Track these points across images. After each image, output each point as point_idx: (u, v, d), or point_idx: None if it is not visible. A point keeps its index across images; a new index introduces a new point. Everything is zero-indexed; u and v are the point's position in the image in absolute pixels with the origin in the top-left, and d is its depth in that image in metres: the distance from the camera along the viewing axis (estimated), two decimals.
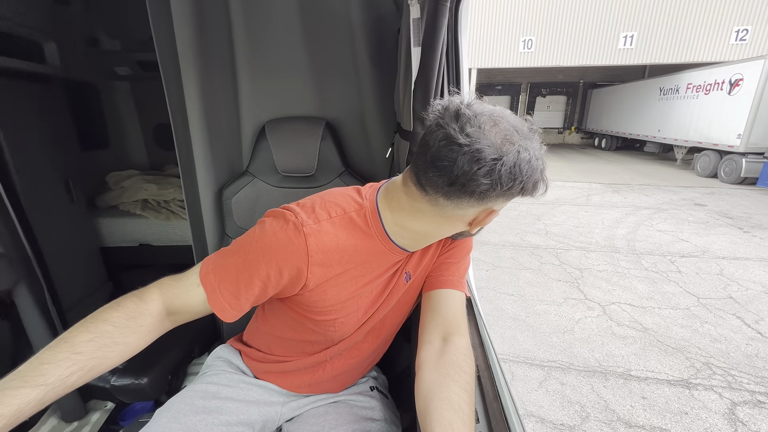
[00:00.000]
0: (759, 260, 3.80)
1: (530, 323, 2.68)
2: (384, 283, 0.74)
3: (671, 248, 4.16)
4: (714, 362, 2.25)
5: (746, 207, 6.00)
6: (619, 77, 15.21)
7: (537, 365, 2.23)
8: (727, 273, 3.50)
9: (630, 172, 9.53)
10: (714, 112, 8.70)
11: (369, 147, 1.19)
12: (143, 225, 2.04)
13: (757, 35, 9.91)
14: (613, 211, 5.78)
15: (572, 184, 8.02)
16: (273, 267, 0.61)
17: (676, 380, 2.10)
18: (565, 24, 10.90)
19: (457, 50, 0.95)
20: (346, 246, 0.65)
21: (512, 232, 4.71)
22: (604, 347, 2.40)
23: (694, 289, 3.19)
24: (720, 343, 2.44)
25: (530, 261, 3.81)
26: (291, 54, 1.09)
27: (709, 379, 2.11)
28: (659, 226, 4.97)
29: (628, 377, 2.13)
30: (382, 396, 0.87)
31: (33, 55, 1.60)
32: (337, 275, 0.67)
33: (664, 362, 2.25)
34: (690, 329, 2.60)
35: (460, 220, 0.62)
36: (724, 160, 8.28)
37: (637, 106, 12.31)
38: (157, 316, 0.61)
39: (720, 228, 4.88)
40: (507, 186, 0.53)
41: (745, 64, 7.93)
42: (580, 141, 18.05)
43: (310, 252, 0.62)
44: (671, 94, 10.51)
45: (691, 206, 6.05)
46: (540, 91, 17.69)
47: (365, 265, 0.69)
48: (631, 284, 3.29)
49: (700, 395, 1.99)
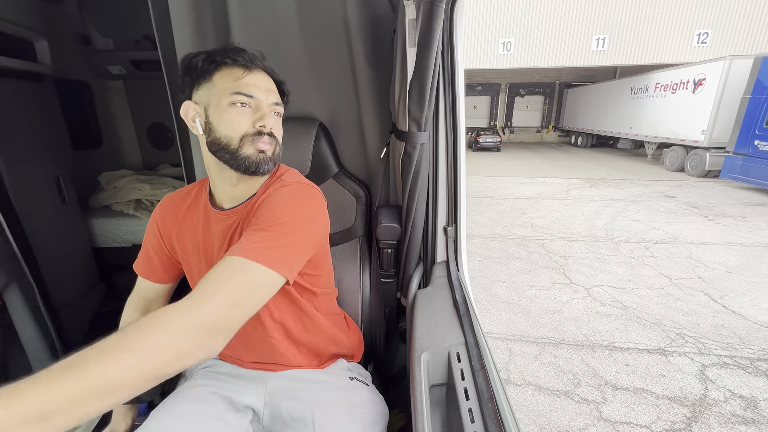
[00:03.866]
0: (723, 244, 4.17)
1: (523, 306, 2.89)
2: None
3: (645, 236, 4.49)
4: (686, 333, 2.52)
5: (711, 197, 6.48)
6: (592, 78, 15.90)
7: (532, 342, 2.43)
8: (695, 256, 3.83)
9: (605, 168, 10.03)
10: (680, 109, 9.27)
11: (364, 147, 1.17)
12: (136, 225, 2.00)
13: (716, 38, 10.63)
14: (592, 204, 6.13)
15: (552, 180, 8.39)
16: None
17: (654, 349, 2.35)
18: (542, 27, 11.37)
19: (452, 51, 0.94)
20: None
21: (500, 226, 4.95)
22: (591, 324, 2.63)
23: (667, 271, 3.50)
24: (691, 316, 2.72)
25: (518, 251, 4.05)
26: (287, 54, 1.07)
27: (683, 347, 2.37)
28: (634, 217, 5.33)
29: (613, 348, 2.36)
30: (361, 383, 0.89)
31: (24, 53, 1.55)
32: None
33: (643, 334, 2.50)
34: (664, 306, 2.87)
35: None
36: (690, 154, 8.85)
37: (609, 105, 12.92)
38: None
39: (688, 217, 5.28)
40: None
41: (707, 65, 8.51)
42: (557, 139, 18.70)
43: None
44: (641, 93, 11.12)
45: (662, 198, 6.48)
46: (518, 91, 18.25)
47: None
48: (611, 269, 3.56)
49: (675, 360, 2.24)
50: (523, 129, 19.04)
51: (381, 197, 1.21)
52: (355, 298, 1.10)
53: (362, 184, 1.18)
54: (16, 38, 1.51)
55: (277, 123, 0.75)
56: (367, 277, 1.12)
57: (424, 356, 0.77)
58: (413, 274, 1.17)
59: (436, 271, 1.11)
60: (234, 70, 0.69)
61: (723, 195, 6.70)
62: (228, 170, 0.72)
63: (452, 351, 0.76)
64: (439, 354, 0.78)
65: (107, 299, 1.97)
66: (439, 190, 1.06)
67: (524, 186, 7.71)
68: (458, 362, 0.73)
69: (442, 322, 0.87)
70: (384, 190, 1.21)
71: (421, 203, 1.05)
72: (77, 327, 1.72)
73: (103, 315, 1.88)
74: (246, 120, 0.69)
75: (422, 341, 0.81)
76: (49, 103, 1.71)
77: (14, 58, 1.47)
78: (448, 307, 0.93)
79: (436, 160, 1.03)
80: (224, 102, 0.67)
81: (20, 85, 1.52)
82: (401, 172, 0.99)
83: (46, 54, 1.63)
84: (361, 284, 1.11)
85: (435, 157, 1.03)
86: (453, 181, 1.04)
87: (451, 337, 0.81)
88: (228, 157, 0.69)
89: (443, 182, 1.05)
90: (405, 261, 1.16)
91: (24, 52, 1.55)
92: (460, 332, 0.82)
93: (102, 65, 2.10)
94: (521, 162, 11.60)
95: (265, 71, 0.73)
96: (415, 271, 1.17)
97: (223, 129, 0.68)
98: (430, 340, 0.81)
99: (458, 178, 1.03)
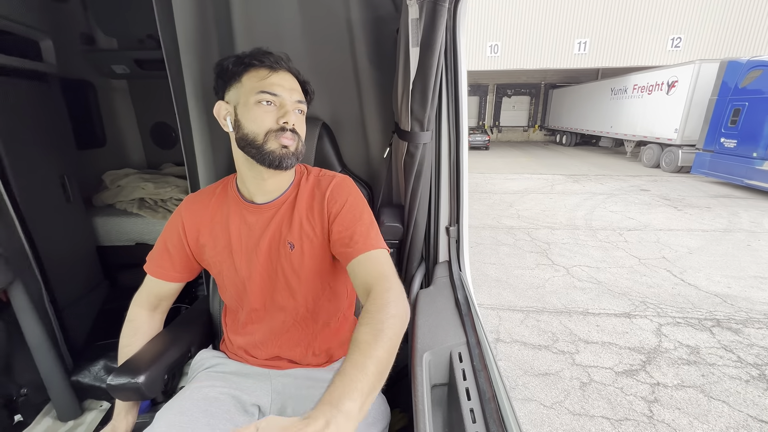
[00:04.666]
0: (687, 230, 4.66)
1: (510, 283, 3.29)
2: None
3: (620, 224, 4.96)
4: (648, 301, 2.95)
5: (681, 191, 7.04)
6: (576, 79, 16.55)
7: (518, 310, 2.83)
8: (662, 240, 4.31)
9: (587, 165, 10.60)
10: (656, 109, 9.89)
11: (367, 147, 1.17)
12: (140, 224, 1.99)
13: (688, 42, 11.33)
14: (574, 197, 6.61)
15: (538, 176, 8.89)
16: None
17: (621, 313, 2.77)
18: (527, 31, 11.93)
19: (455, 51, 0.93)
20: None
21: (489, 217, 5.36)
22: (568, 296, 3.04)
23: (637, 253, 3.95)
24: (653, 288, 3.16)
25: (506, 238, 4.46)
26: (290, 53, 1.05)
27: (644, 311, 2.80)
28: (611, 208, 5.81)
29: (587, 314, 2.77)
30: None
31: (29, 52, 1.54)
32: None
33: (613, 303, 2.92)
34: (632, 280, 3.30)
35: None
36: (665, 151, 9.46)
37: (592, 105, 13.53)
38: (146, 315, 0.87)
39: (659, 208, 5.79)
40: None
41: (679, 68, 9.12)
42: (543, 138, 19.34)
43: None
44: (620, 94, 11.74)
45: (637, 191, 7.00)
46: (506, 92, 18.83)
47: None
48: (588, 252, 4.00)
49: (637, 321, 2.66)
50: (510, 128, 19.65)
51: (383, 197, 1.21)
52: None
53: (365, 184, 1.18)
54: (22, 38, 1.51)
55: (300, 120, 0.78)
56: None
57: (425, 356, 0.77)
58: (415, 273, 1.16)
59: (438, 271, 1.10)
60: (260, 71, 0.74)
61: (692, 188, 7.27)
62: (257, 166, 0.76)
63: (454, 351, 0.77)
64: (441, 354, 0.78)
65: (111, 297, 1.99)
66: (442, 190, 1.06)
67: (512, 182, 8.18)
68: (460, 362, 0.73)
69: (444, 322, 0.87)
70: (386, 190, 1.20)
71: (424, 203, 1.05)
72: (81, 324, 1.74)
73: (106, 312, 1.89)
74: (270, 117, 0.73)
75: (424, 341, 0.81)
76: (54, 102, 1.71)
77: (20, 58, 1.47)
78: (450, 307, 0.93)
79: (438, 160, 1.04)
80: (251, 101, 0.72)
81: (25, 85, 1.52)
82: (404, 172, 0.99)
83: (51, 53, 1.62)
84: None
85: (437, 156, 1.03)
86: (455, 181, 1.05)
87: (453, 337, 0.81)
88: (254, 152, 0.74)
89: (445, 182, 1.06)
90: (407, 261, 1.16)
91: (29, 51, 1.54)
92: (462, 332, 0.82)
93: (106, 64, 2.09)
94: (509, 160, 12.12)
95: (289, 72, 0.78)
96: (417, 270, 1.17)
97: (249, 125, 0.73)
98: (432, 340, 0.81)
99: (461, 178, 1.03)
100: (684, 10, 11.09)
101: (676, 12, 11.15)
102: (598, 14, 11.45)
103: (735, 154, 7.06)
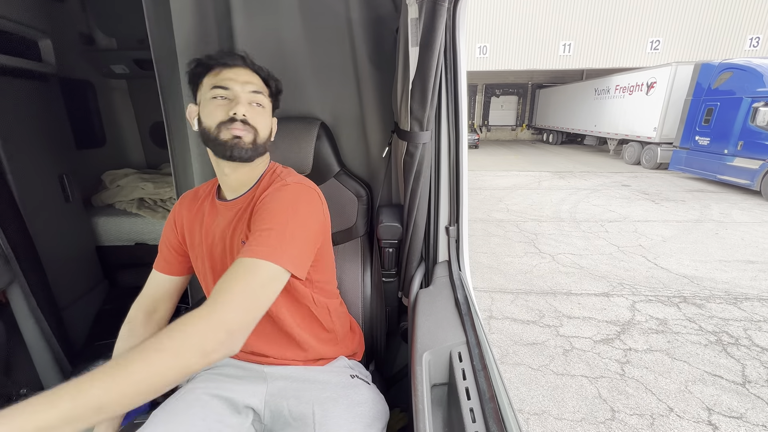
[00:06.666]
0: (662, 221, 5.03)
1: (501, 269, 3.57)
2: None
3: (602, 216, 5.31)
4: (625, 282, 3.26)
5: (659, 186, 7.46)
6: (561, 79, 17.05)
7: (508, 292, 3.11)
8: (640, 230, 4.66)
9: (573, 162, 11.03)
10: (636, 109, 10.35)
11: (366, 147, 1.16)
12: (139, 224, 1.99)
13: (667, 45, 11.87)
14: (559, 192, 6.96)
15: (526, 173, 9.26)
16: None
17: (600, 293, 3.07)
18: (514, 33, 12.33)
19: (455, 51, 0.92)
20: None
21: (480, 212, 5.66)
22: (554, 279, 3.34)
23: (616, 241, 4.28)
24: (630, 272, 3.48)
25: (497, 230, 4.75)
26: (289, 54, 1.06)
27: (621, 291, 3.11)
28: (594, 202, 6.17)
29: (570, 294, 3.06)
30: (363, 382, 0.89)
31: (28, 52, 1.54)
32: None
33: (593, 284, 3.23)
34: (611, 265, 3.62)
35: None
36: (645, 149, 9.93)
37: (577, 105, 14.01)
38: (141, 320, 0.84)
39: (639, 201, 6.17)
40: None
41: (658, 70, 9.58)
42: (530, 137, 19.84)
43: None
44: (604, 94, 12.21)
45: (619, 187, 7.40)
46: (494, 91, 19.26)
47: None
48: (572, 241, 4.32)
49: (615, 300, 2.96)
50: (498, 127, 20.11)
51: (382, 196, 1.21)
52: (356, 297, 1.10)
53: (364, 184, 1.17)
54: (21, 37, 1.50)
55: (256, 112, 0.77)
56: (368, 277, 1.12)
57: (425, 356, 0.77)
58: (415, 273, 1.16)
59: (438, 270, 1.10)
60: (216, 69, 0.76)
61: (670, 184, 7.71)
62: (218, 160, 0.78)
63: (454, 351, 0.76)
64: (441, 353, 0.78)
65: (110, 297, 1.99)
66: (441, 190, 1.06)
67: (501, 178, 8.52)
68: (460, 362, 0.73)
69: (443, 322, 0.87)
70: (386, 190, 1.20)
71: (423, 203, 1.05)
72: (80, 324, 1.73)
73: (105, 312, 1.89)
74: (222, 110, 0.74)
75: (424, 341, 0.81)
76: (53, 102, 1.70)
77: (19, 57, 1.47)
78: (449, 306, 0.93)
79: (438, 160, 1.03)
80: (207, 97, 0.75)
81: (25, 84, 1.51)
82: (403, 172, 0.99)
83: (50, 53, 1.62)
84: (363, 283, 1.11)
85: (437, 156, 1.03)
86: (455, 181, 1.04)
87: (453, 337, 0.81)
88: (211, 146, 0.76)
89: (445, 182, 1.05)
90: (407, 260, 1.16)
91: (28, 51, 1.54)
92: (462, 332, 0.82)
93: (105, 64, 2.09)
94: (498, 158, 12.50)
95: (247, 67, 0.78)
96: (416, 270, 1.17)
97: (206, 120, 0.75)
98: (432, 340, 0.81)
99: (460, 178, 1.02)
100: (662, 14, 11.63)
101: (655, 16, 11.68)
102: (582, 17, 11.92)
103: (708, 151, 7.51)
